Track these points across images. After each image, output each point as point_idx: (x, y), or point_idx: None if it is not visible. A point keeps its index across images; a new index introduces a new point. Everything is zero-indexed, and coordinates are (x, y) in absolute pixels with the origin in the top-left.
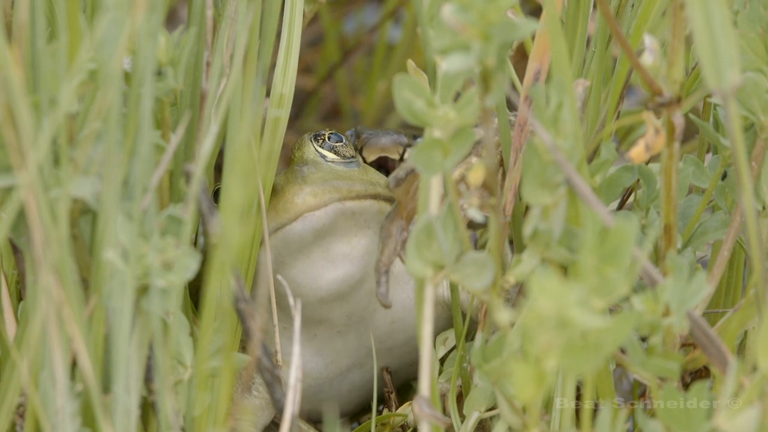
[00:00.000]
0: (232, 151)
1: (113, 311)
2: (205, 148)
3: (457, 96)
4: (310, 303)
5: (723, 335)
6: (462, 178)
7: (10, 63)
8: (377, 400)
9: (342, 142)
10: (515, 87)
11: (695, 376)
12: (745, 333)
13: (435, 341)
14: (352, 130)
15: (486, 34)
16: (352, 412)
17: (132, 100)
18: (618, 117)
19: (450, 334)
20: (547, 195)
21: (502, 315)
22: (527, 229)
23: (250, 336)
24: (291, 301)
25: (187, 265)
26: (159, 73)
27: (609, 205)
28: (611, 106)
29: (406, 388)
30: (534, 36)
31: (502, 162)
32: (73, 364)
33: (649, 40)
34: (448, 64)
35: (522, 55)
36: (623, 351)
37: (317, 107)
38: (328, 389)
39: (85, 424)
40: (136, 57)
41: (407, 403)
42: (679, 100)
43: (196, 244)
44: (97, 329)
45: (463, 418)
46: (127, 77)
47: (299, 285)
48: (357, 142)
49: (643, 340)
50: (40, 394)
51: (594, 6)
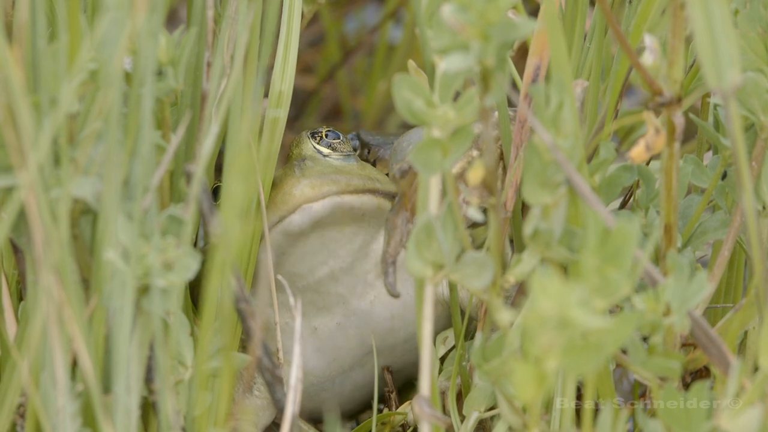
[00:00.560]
0: (232, 151)
1: (114, 311)
2: (206, 148)
3: (457, 96)
4: (306, 287)
5: (724, 335)
6: (462, 173)
7: (10, 63)
8: (378, 399)
9: (339, 139)
10: (516, 85)
11: (696, 376)
12: (746, 333)
13: (435, 340)
14: (353, 134)
15: (485, 34)
16: (353, 411)
17: (132, 100)
18: (617, 116)
19: (450, 333)
20: (548, 194)
21: (502, 315)
22: (528, 229)
23: (250, 336)
24: (291, 301)
25: (188, 265)
26: (159, 73)
27: (609, 205)
28: (610, 105)
29: (409, 387)
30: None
31: (502, 156)
32: (74, 364)
33: (649, 40)
34: (447, 64)
35: (524, 53)
36: (624, 351)
37: (318, 107)
38: (330, 388)
39: (86, 424)
40: (136, 57)
41: (407, 402)
42: (679, 100)
43: (195, 244)
44: (98, 329)
45: (463, 418)
46: (128, 77)
47: (296, 275)
48: (360, 146)
49: (644, 339)
50: (41, 394)
51: (591, 3)
